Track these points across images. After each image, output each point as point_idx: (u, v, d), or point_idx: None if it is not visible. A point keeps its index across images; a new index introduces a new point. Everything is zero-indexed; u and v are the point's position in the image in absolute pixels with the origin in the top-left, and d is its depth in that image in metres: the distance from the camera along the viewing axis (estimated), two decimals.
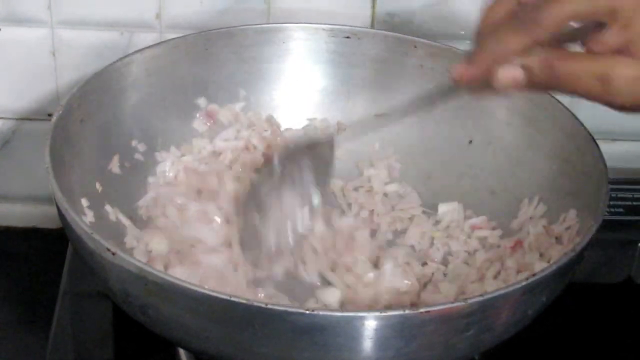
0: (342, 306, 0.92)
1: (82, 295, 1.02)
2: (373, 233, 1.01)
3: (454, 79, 0.78)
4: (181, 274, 0.87)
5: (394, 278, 0.93)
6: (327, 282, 0.95)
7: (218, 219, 0.96)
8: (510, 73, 0.74)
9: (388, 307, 0.91)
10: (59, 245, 1.06)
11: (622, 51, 0.71)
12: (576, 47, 0.74)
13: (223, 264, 0.92)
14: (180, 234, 0.95)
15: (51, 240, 1.18)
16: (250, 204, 0.94)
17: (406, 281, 0.93)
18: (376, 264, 0.96)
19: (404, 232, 1.02)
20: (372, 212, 1.03)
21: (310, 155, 0.93)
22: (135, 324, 0.83)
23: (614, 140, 1.17)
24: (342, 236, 0.98)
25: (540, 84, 0.74)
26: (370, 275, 0.94)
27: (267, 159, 0.97)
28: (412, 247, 1.00)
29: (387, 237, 1.01)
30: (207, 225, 0.96)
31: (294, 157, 0.93)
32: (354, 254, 0.96)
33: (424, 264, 0.97)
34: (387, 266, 0.94)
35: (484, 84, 0.76)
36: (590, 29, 0.72)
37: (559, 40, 0.73)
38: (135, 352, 0.96)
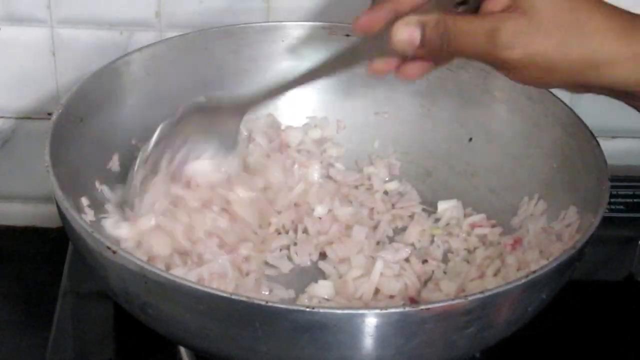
0: (335, 298, 0.93)
1: (83, 295, 1.02)
2: (372, 232, 1.01)
3: (354, 28, 0.83)
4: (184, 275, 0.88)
5: (384, 279, 0.93)
6: (319, 273, 0.97)
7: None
8: (406, 30, 0.77)
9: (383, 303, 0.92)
10: (60, 245, 1.06)
11: (508, 8, 0.75)
12: None
13: (228, 265, 0.92)
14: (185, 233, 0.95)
15: (51, 239, 1.18)
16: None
17: (397, 283, 0.93)
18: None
19: (404, 229, 1.01)
20: (372, 210, 1.03)
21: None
22: (136, 323, 0.83)
23: (614, 137, 1.16)
24: (339, 225, 0.99)
25: (433, 45, 0.77)
26: (360, 271, 0.94)
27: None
28: (412, 244, 1.00)
29: (388, 234, 1.01)
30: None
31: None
32: (348, 245, 0.97)
33: (424, 261, 0.97)
34: (378, 265, 0.93)
35: (380, 46, 0.80)
36: None
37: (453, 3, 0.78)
38: (136, 352, 0.96)
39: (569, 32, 0.75)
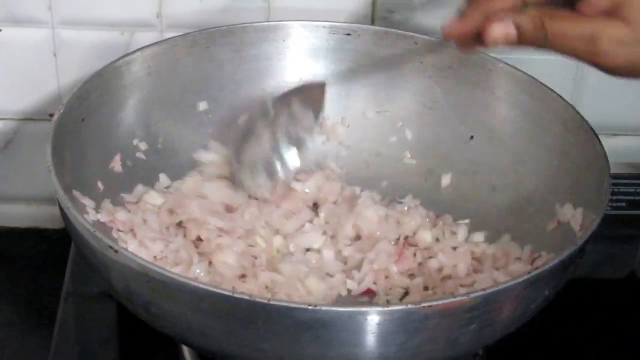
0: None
1: (85, 296, 1.02)
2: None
3: (444, 34, 0.80)
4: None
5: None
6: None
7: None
8: (502, 29, 0.76)
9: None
10: (62, 246, 1.07)
11: (610, 14, 0.74)
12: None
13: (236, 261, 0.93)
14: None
15: (53, 240, 1.18)
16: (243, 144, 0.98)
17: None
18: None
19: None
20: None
21: (301, 97, 0.97)
22: (139, 323, 0.83)
23: (616, 134, 1.16)
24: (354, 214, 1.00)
25: (530, 42, 0.76)
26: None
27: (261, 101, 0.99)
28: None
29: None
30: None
31: (286, 99, 0.97)
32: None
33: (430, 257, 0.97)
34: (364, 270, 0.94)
35: (473, 40, 0.79)
36: None
37: (551, 2, 0.76)
38: (139, 352, 0.96)
39: None
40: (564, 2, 0.77)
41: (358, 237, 0.99)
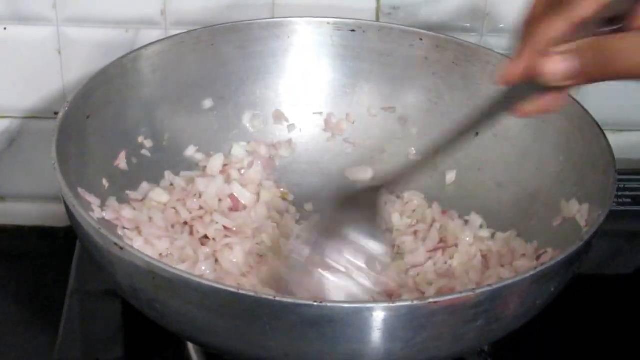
0: None
1: (91, 294, 1.02)
2: None
3: (500, 81, 0.76)
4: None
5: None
6: None
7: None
8: (557, 63, 0.72)
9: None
10: (67, 244, 1.07)
11: None
12: None
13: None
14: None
15: (59, 238, 1.18)
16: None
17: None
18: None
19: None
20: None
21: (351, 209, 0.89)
22: (144, 321, 0.83)
23: (622, 130, 1.16)
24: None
25: (589, 71, 0.72)
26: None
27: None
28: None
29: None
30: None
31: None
32: None
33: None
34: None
35: (531, 87, 0.75)
36: (627, 9, 0.72)
37: (598, 26, 0.73)
38: (144, 350, 0.96)
39: None
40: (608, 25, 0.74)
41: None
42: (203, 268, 0.91)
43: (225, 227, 0.96)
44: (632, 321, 1.01)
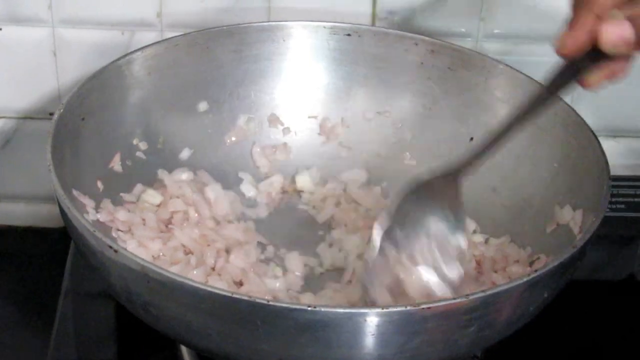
0: None
1: (84, 295, 1.02)
2: None
3: (558, 51, 0.75)
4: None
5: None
6: None
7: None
8: (616, 29, 0.71)
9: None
10: (61, 245, 1.07)
11: None
12: None
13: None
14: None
15: (53, 239, 1.18)
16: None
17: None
18: None
19: None
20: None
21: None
22: (138, 323, 0.83)
23: (616, 136, 1.16)
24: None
25: None
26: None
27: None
28: None
29: None
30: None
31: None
32: None
33: None
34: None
35: (588, 58, 0.73)
36: None
37: None
38: (138, 352, 0.96)
39: None
40: None
41: None
42: (195, 272, 0.91)
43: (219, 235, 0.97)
44: (626, 327, 1.01)
